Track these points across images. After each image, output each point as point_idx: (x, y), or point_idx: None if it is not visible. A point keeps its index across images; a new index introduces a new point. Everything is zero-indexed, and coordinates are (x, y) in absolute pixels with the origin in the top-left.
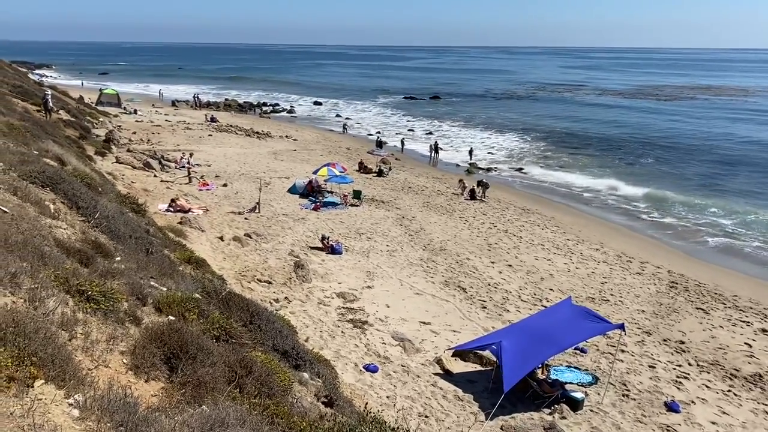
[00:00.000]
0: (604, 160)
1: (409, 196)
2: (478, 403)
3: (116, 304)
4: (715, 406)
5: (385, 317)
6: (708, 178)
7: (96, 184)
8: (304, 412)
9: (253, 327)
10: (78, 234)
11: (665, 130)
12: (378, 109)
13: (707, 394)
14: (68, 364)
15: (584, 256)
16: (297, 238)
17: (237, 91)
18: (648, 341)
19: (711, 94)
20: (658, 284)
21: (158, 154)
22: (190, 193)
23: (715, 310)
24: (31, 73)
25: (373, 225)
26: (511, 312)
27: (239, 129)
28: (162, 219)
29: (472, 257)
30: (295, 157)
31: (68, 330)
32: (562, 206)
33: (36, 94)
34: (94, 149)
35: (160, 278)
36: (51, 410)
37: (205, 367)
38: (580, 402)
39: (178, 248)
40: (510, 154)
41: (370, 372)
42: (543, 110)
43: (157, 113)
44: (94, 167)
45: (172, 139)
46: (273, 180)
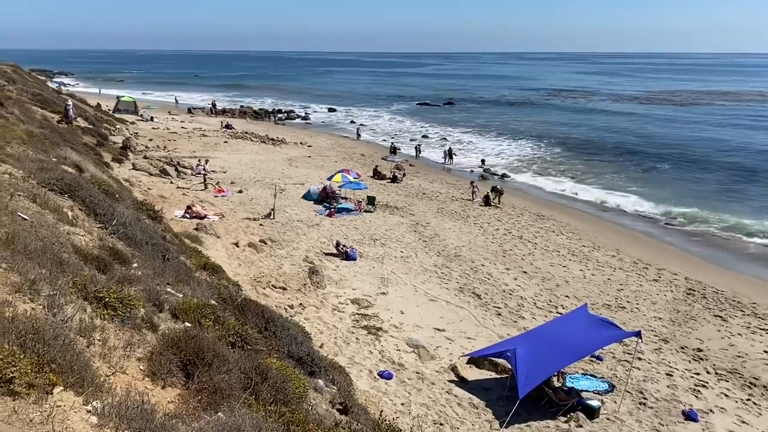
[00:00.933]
0: (619, 167)
1: (423, 202)
2: (492, 410)
3: (133, 310)
4: (734, 415)
5: (400, 324)
6: (726, 185)
7: (113, 191)
8: (320, 419)
9: (268, 333)
10: (96, 241)
11: (682, 136)
12: (392, 115)
13: (726, 402)
14: (86, 370)
15: (600, 262)
16: (311, 244)
17: (252, 98)
18: (665, 349)
19: (728, 99)
20: (675, 291)
21: (174, 160)
22: (206, 199)
23: (734, 318)
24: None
25: (387, 231)
26: (527, 319)
27: (254, 136)
28: (178, 225)
29: (487, 264)
30: (310, 163)
31: (86, 336)
32: (577, 212)
33: (55, 102)
34: (111, 156)
35: (176, 285)
36: (70, 417)
37: (221, 374)
38: (596, 410)
39: (194, 254)
40: (525, 160)
41: (384, 379)
42: (557, 116)
43: (174, 120)
44: (111, 174)
45: (188, 146)
46: (288, 186)
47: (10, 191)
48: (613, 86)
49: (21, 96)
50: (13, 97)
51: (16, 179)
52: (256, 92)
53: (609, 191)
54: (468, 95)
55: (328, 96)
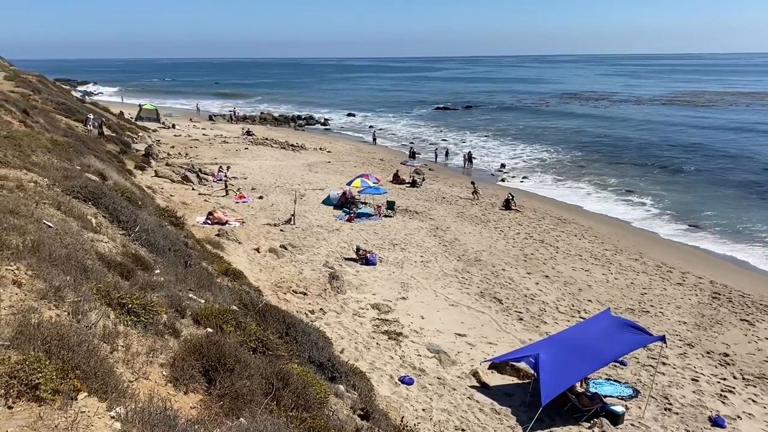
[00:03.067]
0: (642, 169)
1: (442, 207)
2: (515, 416)
3: (156, 316)
4: (762, 421)
5: (420, 329)
6: (750, 187)
7: (136, 198)
8: (341, 425)
9: (289, 339)
10: (119, 247)
11: (706, 138)
12: (411, 120)
13: (754, 408)
14: (110, 376)
15: (623, 266)
16: (331, 249)
17: (272, 105)
18: (690, 353)
19: (753, 99)
20: (699, 295)
21: (196, 167)
22: (227, 205)
23: (761, 322)
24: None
25: (407, 236)
26: (549, 324)
27: (274, 142)
28: (200, 231)
29: (508, 268)
30: (329, 168)
31: (110, 342)
32: (599, 216)
33: (79, 111)
34: (133, 163)
35: (198, 290)
36: (94, 423)
37: (243, 380)
38: (620, 416)
39: (216, 260)
40: (545, 163)
41: (405, 384)
42: (577, 119)
43: (195, 127)
44: (134, 181)
45: (209, 153)
46: (308, 192)
47: (36, 199)
48: (635, 88)
49: (46, 105)
50: (38, 107)
51: (42, 187)
52: (276, 98)
53: (631, 194)
54: (487, 99)
55: (347, 101)
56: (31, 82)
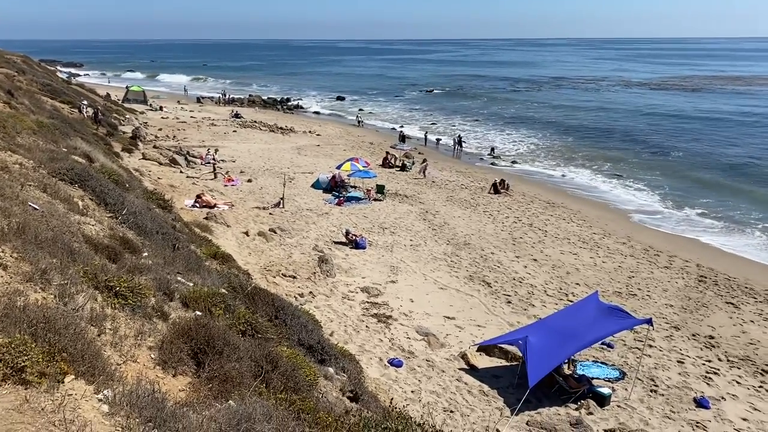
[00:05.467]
0: (631, 153)
1: (432, 191)
2: (503, 398)
3: (144, 299)
4: (746, 402)
5: (410, 312)
6: (739, 171)
7: (123, 181)
8: (330, 406)
9: (279, 322)
10: (106, 230)
11: (694, 122)
12: (401, 103)
13: (738, 390)
14: (97, 359)
15: (611, 250)
16: (321, 233)
17: (261, 87)
18: (676, 336)
19: (741, 84)
20: (686, 278)
21: (184, 150)
22: (216, 188)
23: (746, 305)
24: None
25: (396, 219)
26: (537, 307)
27: (263, 125)
28: (188, 215)
29: (497, 252)
30: (319, 152)
31: (97, 325)
32: (587, 200)
33: (65, 93)
34: (121, 146)
35: (186, 273)
36: (81, 405)
37: (232, 362)
38: (607, 397)
39: (204, 243)
40: (535, 147)
41: (394, 366)
42: (568, 103)
43: (183, 110)
44: (121, 164)
45: (197, 136)
46: (297, 175)
47: (21, 181)
48: (624, 73)
49: (31, 86)
50: (23, 88)
51: (27, 169)
52: (265, 80)
53: (620, 178)
54: (478, 82)
55: (336, 84)
56: (15, 62)
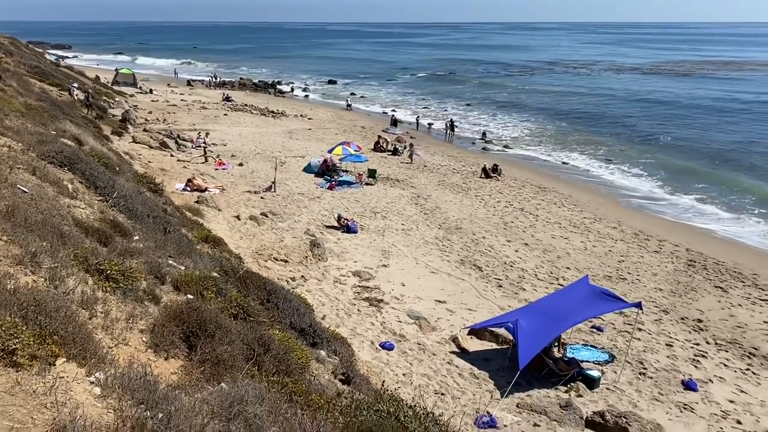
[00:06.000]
0: (622, 139)
1: (424, 175)
2: (493, 380)
3: (135, 282)
4: (733, 384)
5: (401, 296)
6: (729, 156)
7: (113, 164)
8: (322, 389)
9: (271, 305)
10: (96, 213)
11: (684, 107)
12: (393, 87)
13: (725, 372)
14: (89, 342)
15: (601, 234)
16: (312, 217)
17: (252, 70)
18: (665, 320)
19: (732, 69)
20: (676, 262)
21: (174, 133)
22: (207, 172)
23: (734, 289)
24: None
25: (388, 204)
26: (527, 291)
27: (254, 108)
28: (179, 198)
29: (488, 236)
30: (310, 136)
31: (88, 309)
32: (579, 184)
33: (53, 75)
34: (110, 129)
35: (178, 257)
36: (73, 388)
37: (224, 345)
38: (596, 380)
39: (196, 227)
40: (526, 131)
41: (386, 350)
42: (560, 88)
43: (173, 93)
44: (111, 147)
45: (187, 119)
46: (288, 159)
47: (10, 164)
48: (616, 57)
49: (19, 68)
50: (11, 70)
51: (16, 152)
52: (256, 63)
53: (611, 163)
54: (471, 66)
55: (328, 68)
56: (2, 44)
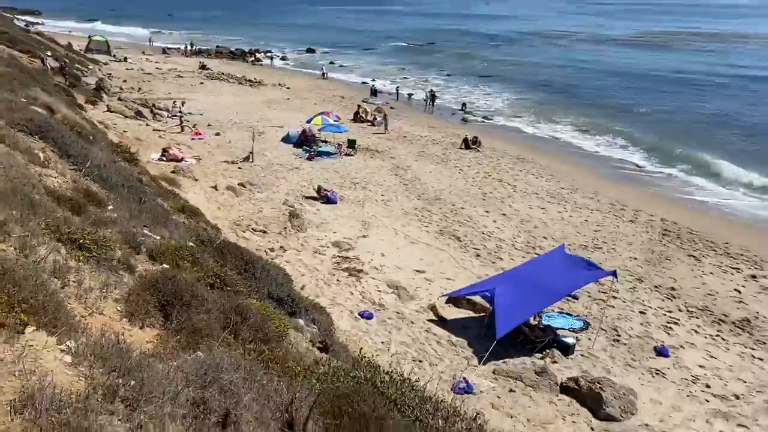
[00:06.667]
0: (601, 110)
1: (404, 146)
2: (471, 348)
3: (109, 252)
4: (703, 350)
5: (380, 266)
6: (704, 129)
7: (87, 133)
8: (300, 357)
9: (248, 275)
10: (69, 183)
11: (662, 79)
12: (373, 56)
13: (696, 338)
14: (60, 310)
15: (578, 204)
16: (291, 188)
17: (228, 38)
18: (639, 288)
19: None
20: (650, 232)
21: (150, 102)
22: (183, 142)
23: (707, 257)
24: (15, 18)
25: (368, 174)
26: (505, 260)
27: (231, 77)
28: (155, 168)
29: (467, 206)
30: (289, 105)
31: (60, 278)
32: (557, 155)
33: (24, 41)
34: (84, 98)
35: (153, 227)
36: (43, 356)
37: (200, 314)
38: (571, 347)
39: (172, 197)
40: (507, 103)
41: (365, 319)
42: (540, 59)
43: (148, 61)
44: (84, 116)
45: (163, 88)
46: (266, 129)
47: None
48: (597, 28)
49: None
50: None
51: None
52: (232, 31)
53: (588, 134)
54: (452, 36)
55: (307, 36)
56: None
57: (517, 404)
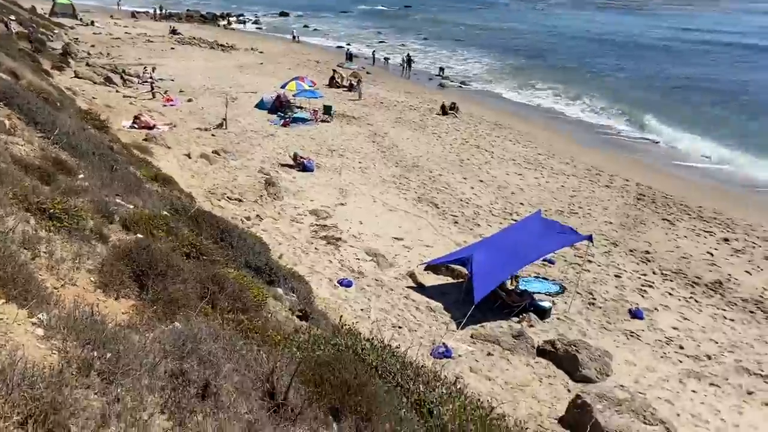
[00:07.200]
0: (578, 75)
1: (380, 112)
2: (449, 313)
3: (81, 221)
4: (677, 312)
5: (359, 234)
6: (681, 93)
7: (54, 100)
8: (279, 326)
9: (225, 244)
10: (37, 150)
11: (637, 43)
12: (349, 20)
13: (670, 301)
14: (31, 282)
15: (554, 170)
16: (267, 155)
17: (199, 1)
18: (614, 252)
19: (682, 2)
20: (626, 197)
21: (119, 68)
22: (154, 108)
23: (681, 221)
24: None
25: (344, 141)
26: (482, 226)
27: (203, 41)
28: (126, 136)
29: (445, 173)
30: (262, 70)
31: (30, 249)
32: (533, 121)
33: None
34: (50, 63)
35: (126, 196)
36: (13, 330)
37: (176, 284)
38: (547, 311)
39: (144, 165)
40: (486, 68)
41: (344, 286)
42: (516, 24)
43: (116, 25)
44: (51, 82)
45: (132, 53)
46: (239, 95)
47: None
48: None
49: None
50: None
51: None
52: None
53: (565, 98)
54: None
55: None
56: None
57: (495, 367)
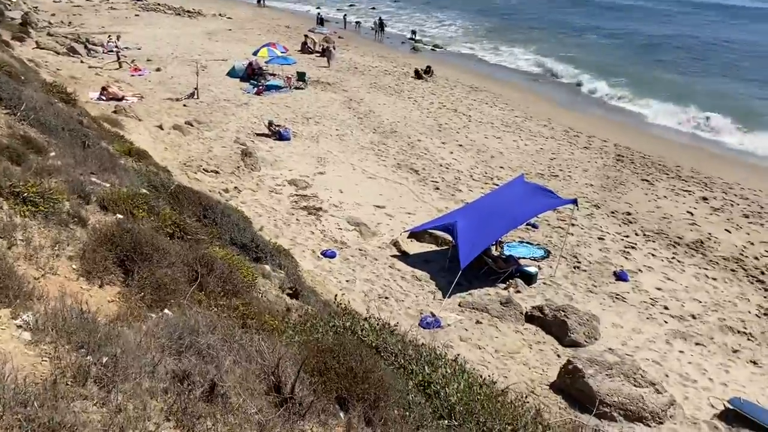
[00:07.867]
0: (551, 35)
1: (355, 77)
2: (435, 282)
3: (57, 204)
4: (660, 273)
5: (340, 203)
6: (652, 52)
7: (17, 73)
8: (271, 306)
9: (208, 221)
10: (4, 129)
11: (610, 4)
12: None
13: (653, 262)
14: (11, 277)
15: (533, 132)
16: (241, 125)
17: None
18: (597, 214)
19: None
20: (605, 158)
21: (82, 37)
22: (122, 79)
23: (660, 181)
24: None
25: (320, 108)
26: (464, 192)
27: (168, 8)
28: (94, 108)
29: (423, 138)
30: (231, 37)
31: (6, 237)
32: (509, 83)
33: None
34: (10, 34)
35: (101, 173)
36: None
37: (163, 268)
38: (533, 276)
39: (116, 140)
40: (460, 30)
41: (328, 258)
42: None
43: None
44: (12, 54)
45: (95, 21)
46: (210, 63)
47: None
48: None
49: None
50: None
51: None
52: None
53: (540, 60)
54: None
55: None
56: None
57: (485, 335)
